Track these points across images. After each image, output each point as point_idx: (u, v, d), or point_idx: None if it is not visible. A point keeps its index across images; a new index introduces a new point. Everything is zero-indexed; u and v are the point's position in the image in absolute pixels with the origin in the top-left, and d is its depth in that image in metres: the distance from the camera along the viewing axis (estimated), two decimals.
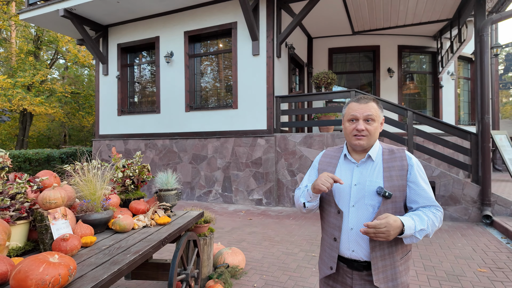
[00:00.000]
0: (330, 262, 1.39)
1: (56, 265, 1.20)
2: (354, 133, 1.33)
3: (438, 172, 5.30)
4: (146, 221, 2.21)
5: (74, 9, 7.12)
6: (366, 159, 1.35)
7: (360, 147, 1.34)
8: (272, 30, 6.48)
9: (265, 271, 3.23)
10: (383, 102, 5.89)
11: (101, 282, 1.33)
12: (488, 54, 5.02)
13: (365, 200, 1.29)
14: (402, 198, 1.29)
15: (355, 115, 1.33)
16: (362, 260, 1.30)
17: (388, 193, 1.25)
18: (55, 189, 1.75)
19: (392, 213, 1.27)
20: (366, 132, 1.31)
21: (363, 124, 1.31)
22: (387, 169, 1.31)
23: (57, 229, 1.67)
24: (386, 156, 1.35)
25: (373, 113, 1.32)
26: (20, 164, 8.42)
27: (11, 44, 16.60)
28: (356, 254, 1.31)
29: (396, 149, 1.37)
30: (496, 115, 11.12)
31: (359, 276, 1.32)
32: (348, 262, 1.34)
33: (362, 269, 1.31)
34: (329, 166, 1.45)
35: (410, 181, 1.30)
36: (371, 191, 1.29)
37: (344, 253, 1.34)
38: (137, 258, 1.62)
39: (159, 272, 2.38)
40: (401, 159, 1.33)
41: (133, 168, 2.40)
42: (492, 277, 3.07)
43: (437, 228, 1.28)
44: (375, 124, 1.33)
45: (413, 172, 1.30)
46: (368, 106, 1.33)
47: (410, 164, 1.31)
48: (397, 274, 1.29)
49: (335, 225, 1.37)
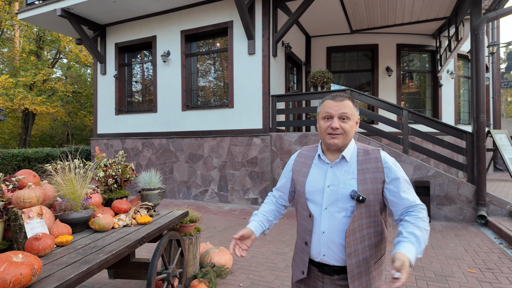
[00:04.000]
0: (302, 266, 1.36)
1: (18, 264, 1.21)
2: (329, 131, 1.28)
3: (433, 172, 5.26)
4: (127, 221, 2.22)
5: (71, 8, 7.15)
6: (340, 160, 1.31)
7: (334, 146, 1.29)
8: (268, 29, 6.47)
9: (253, 270, 3.22)
10: (379, 101, 5.86)
11: (67, 281, 1.33)
12: (483, 52, 4.97)
13: (338, 203, 1.25)
14: (377, 202, 1.26)
15: (330, 113, 1.29)
16: (333, 265, 1.28)
17: (362, 197, 1.21)
18: (30, 188, 1.76)
19: (366, 217, 1.24)
20: (341, 131, 1.27)
21: (338, 122, 1.27)
22: (361, 171, 1.27)
23: (31, 228, 1.68)
24: (361, 157, 1.30)
25: (349, 111, 1.28)
26: (19, 163, 8.49)
27: (15, 43, 16.74)
28: (327, 259, 1.28)
29: (371, 149, 1.32)
30: (497, 114, 11.03)
31: (330, 281, 1.29)
32: (319, 266, 1.31)
33: (333, 274, 1.28)
34: (304, 166, 1.41)
35: (388, 184, 1.26)
36: (344, 194, 1.24)
37: (315, 257, 1.31)
38: (110, 257, 1.63)
39: (141, 271, 2.38)
40: (376, 160, 1.28)
41: (115, 167, 2.41)
42: (481, 278, 3.05)
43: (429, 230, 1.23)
44: (350, 123, 1.29)
45: (390, 174, 1.26)
46: (344, 104, 1.29)
47: (386, 166, 1.27)
48: (371, 280, 1.27)
49: (306, 229, 1.34)
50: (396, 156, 5.46)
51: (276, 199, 1.56)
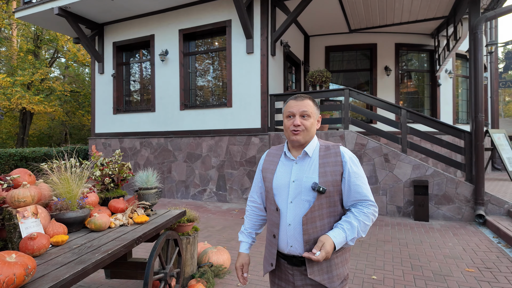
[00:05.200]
0: (271, 258, 1.43)
1: (11, 264, 1.19)
2: (292, 128, 1.38)
3: (431, 171, 5.25)
4: (123, 220, 2.20)
5: (68, 7, 7.11)
6: (303, 156, 1.40)
7: (297, 142, 1.38)
8: (266, 28, 6.45)
9: (251, 270, 3.21)
10: (378, 101, 5.85)
11: (62, 282, 1.32)
12: (482, 52, 4.97)
13: (301, 196, 1.33)
14: (336, 193, 1.35)
15: (292, 111, 1.39)
16: (300, 256, 1.34)
17: (322, 188, 1.29)
18: (25, 187, 1.74)
19: (327, 207, 1.33)
20: (303, 127, 1.37)
21: (299, 119, 1.37)
22: (322, 165, 1.36)
23: (26, 227, 1.67)
24: (322, 152, 1.40)
25: (309, 110, 1.38)
26: (17, 163, 8.45)
27: (12, 42, 16.65)
28: (294, 250, 1.34)
29: (332, 145, 1.43)
30: (495, 113, 11.04)
31: (299, 272, 1.36)
32: (287, 259, 1.38)
33: (301, 265, 1.35)
34: (271, 164, 1.49)
35: (344, 177, 1.35)
36: (307, 187, 1.33)
37: (283, 249, 1.38)
38: (105, 257, 1.61)
39: (138, 271, 2.37)
40: (336, 155, 1.38)
41: (112, 166, 2.39)
42: (480, 277, 3.04)
43: (370, 225, 1.34)
44: (311, 120, 1.39)
45: (346, 168, 1.35)
46: (304, 103, 1.39)
47: (344, 161, 1.36)
48: (332, 266, 1.34)
49: (274, 222, 1.41)
50: (394, 156, 5.46)
51: (255, 206, 1.61)
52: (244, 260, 1.55)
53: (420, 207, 5.16)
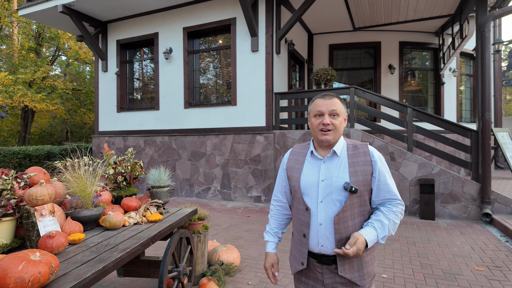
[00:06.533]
0: (301, 257, 1.42)
1: (36, 263, 1.18)
2: (320, 127, 1.37)
3: (437, 170, 5.25)
4: (137, 218, 2.20)
5: (72, 5, 7.09)
6: (332, 155, 1.39)
7: (326, 142, 1.37)
8: (271, 26, 6.43)
9: (260, 268, 3.21)
10: (384, 99, 5.84)
11: (84, 280, 1.31)
12: (489, 50, 4.95)
13: (332, 196, 1.33)
14: (367, 192, 1.35)
15: (321, 110, 1.38)
16: (331, 254, 1.34)
17: (354, 188, 1.29)
18: (42, 185, 1.73)
19: (358, 206, 1.33)
20: (332, 126, 1.36)
21: (328, 118, 1.36)
22: (352, 164, 1.35)
23: (44, 226, 1.66)
24: (351, 152, 1.39)
25: (338, 108, 1.37)
26: (20, 161, 8.44)
27: (13, 40, 16.61)
28: (325, 249, 1.34)
29: (359, 144, 1.42)
30: (498, 112, 11.02)
31: (329, 270, 1.35)
32: (317, 257, 1.38)
33: (331, 263, 1.34)
34: (297, 163, 1.48)
35: (374, 176, 1.35)
36: (338, 187, 1.32)
37: (313, 249, 1.37)
38: (124, 256, 1.60)
39: (151, 269, 2.36)
40: (365, 154, 1.37)
41: (125, 164, 2.38)
42: (490, 276, 3.04)
43: (398, 223, 1.36)
44: (340, 119, 1.38)
45: (376, 167, 1.35)
46: (333, 102, 1.38)
47: (373, 160, 1.36)
48: (363, 264, 1.34)
49: (303, 222, 1.40)
50: (400, 154, 5.45)
51: (280, 205, 1.60)
52: (273, 260, 1.56)
53: (426, 205, 5.15)
